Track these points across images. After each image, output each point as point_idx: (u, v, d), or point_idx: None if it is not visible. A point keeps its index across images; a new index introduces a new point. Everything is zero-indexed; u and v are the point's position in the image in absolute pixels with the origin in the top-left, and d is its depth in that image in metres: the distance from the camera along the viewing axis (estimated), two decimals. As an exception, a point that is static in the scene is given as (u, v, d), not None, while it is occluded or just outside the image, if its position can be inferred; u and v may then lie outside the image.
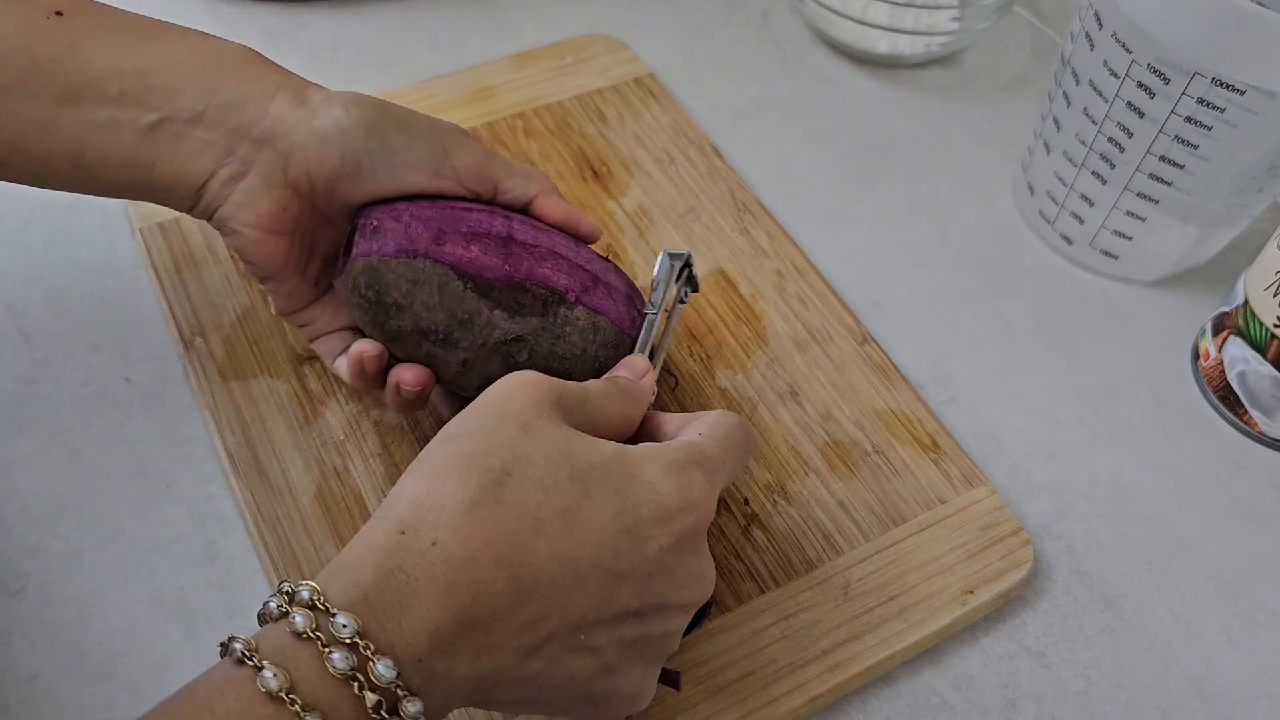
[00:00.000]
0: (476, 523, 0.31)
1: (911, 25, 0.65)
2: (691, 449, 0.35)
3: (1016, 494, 0.50)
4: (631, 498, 0.33)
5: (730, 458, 0.37)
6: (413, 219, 0.42)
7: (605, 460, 0.34)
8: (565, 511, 0.32)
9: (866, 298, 0.57)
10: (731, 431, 0.38)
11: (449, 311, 0.41)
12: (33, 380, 0.51)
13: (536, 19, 0.69)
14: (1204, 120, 0.48)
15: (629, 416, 0.38)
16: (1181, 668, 0.46)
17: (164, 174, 0.41)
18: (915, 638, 0.44)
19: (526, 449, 0.33)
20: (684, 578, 0.35)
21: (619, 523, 0.33)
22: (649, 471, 0.34)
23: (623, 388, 0.39)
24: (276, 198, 0.42)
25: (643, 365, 0.42)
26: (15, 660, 0.43)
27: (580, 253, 0.45)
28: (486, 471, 0.32)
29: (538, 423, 0.34)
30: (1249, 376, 0.51)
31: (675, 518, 0.34)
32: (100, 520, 0.47)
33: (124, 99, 0.40)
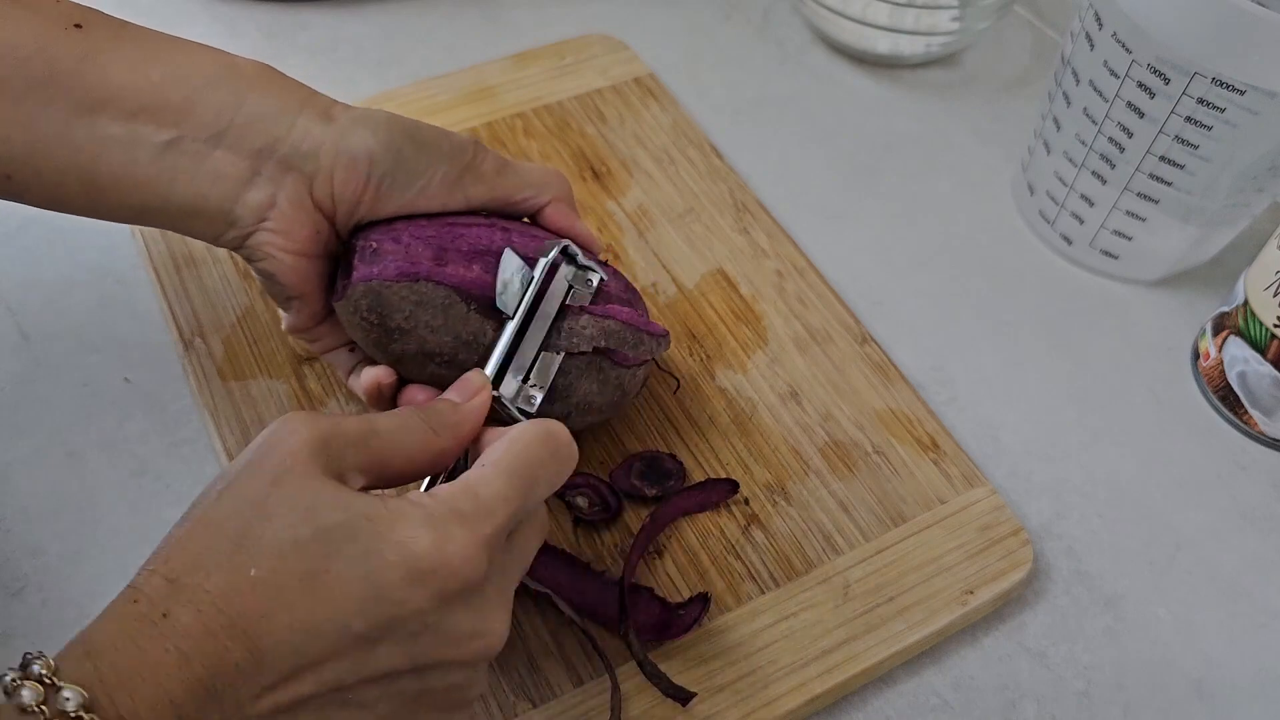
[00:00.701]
0: (209, 594, 0.30)
1: (911, 25, 0.65)
2: (460, 497, 0.33)
3: (1016, 494, 0.50)
4: (378, 560, 0.31)
5: (523, 485, 0.34)
6: (412, 239, 0.41)
7: (352, 519, 0.31)
8: (306, 576, 0.30)
9: (866, 298, 0.57)
10: (527, 452, 0.35)
11: (454, 334, 0.41)
12: (32, 380, 0.51)
13: (536, 19, 0.69)
14: (1204, 120, 0.48)
15: (436, 449, 0.36)
16: (1181, 668, 0.46)
17: (184, 195, 0.40)
18: (915, 638, 0.44)
19: (269, 508, 0.31)
20: (457, 636, 0.33)
21: (367, 586, 0.31)
22: (400, 530, 0.32)
23: (432, 415, 0.36)
24: (309, 221, 0.41)
25: (475, 384, 0.39)
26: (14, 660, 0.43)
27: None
28: (222, 536, 0.31)
29: (286, 477, 0.32)
30: (1249, 376, 0.51)
31: (431, 578, 0.31)
32: (100, 521, 0.47)
33: (141, 114, 0.39)
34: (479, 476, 0.34)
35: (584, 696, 0.42)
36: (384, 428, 0.35)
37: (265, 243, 0.41)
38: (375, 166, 0.41)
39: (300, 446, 0.32)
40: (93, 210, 0.41)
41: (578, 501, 0.46)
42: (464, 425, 0.37)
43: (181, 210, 0.40)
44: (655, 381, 0.51)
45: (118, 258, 0.55)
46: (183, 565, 0.30)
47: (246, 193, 0.40)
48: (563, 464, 0.36)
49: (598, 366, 0.43)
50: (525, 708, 0.42)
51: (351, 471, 0.34)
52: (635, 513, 0.47)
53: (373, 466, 0.34)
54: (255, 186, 0.40)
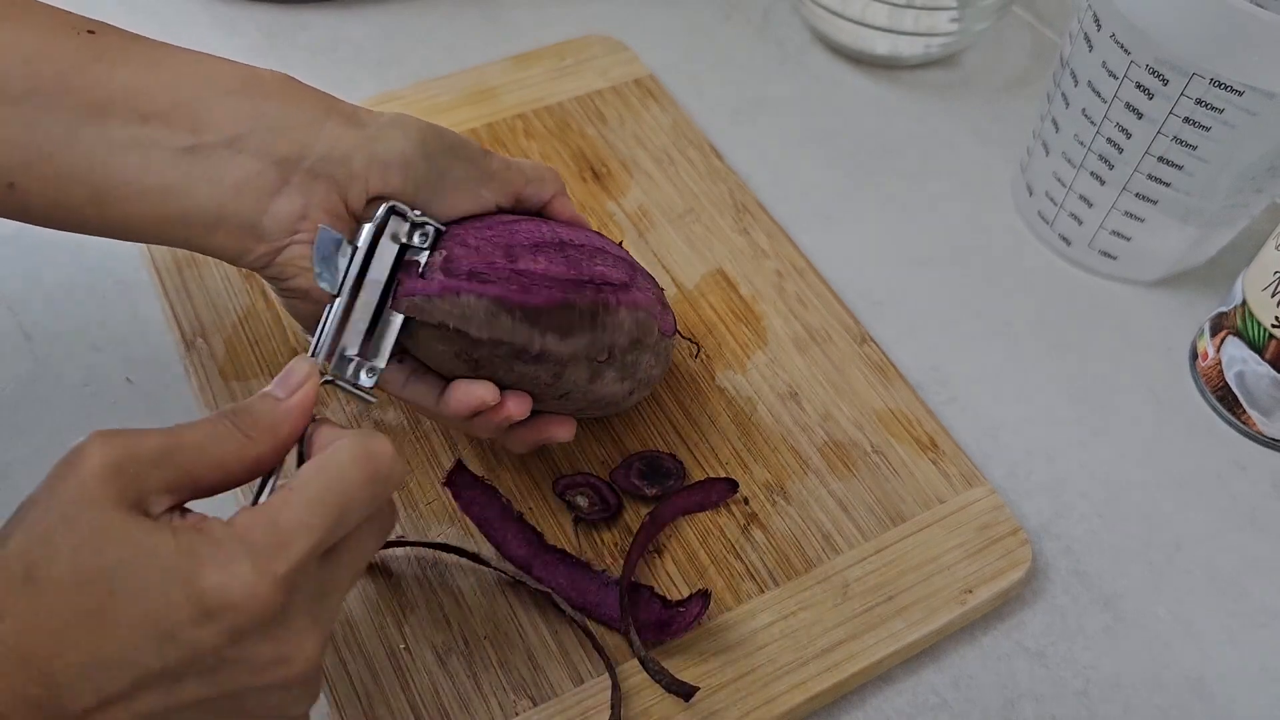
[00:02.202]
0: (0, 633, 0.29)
1: (910, 26, 0.65)
2: (256, 527, 0.31)
3: (1015, 494, 0.51)
4: (163, 598, 0.30)
5: (330, 514, 0.32)
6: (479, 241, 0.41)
7: (136, 556, 0.30)
8: (91, 613, 0.29)
9: (866, 298, 0.57)
10: (339, 476, 0.33)
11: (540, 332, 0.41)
12: (34, 380, 0.51)
13: (536, 20, 0.70)
14: (1202, 121, 0.48)
15: (252, 456, 0.33)
16: (1180, 667, 0.46)
17: (204, 205, 0.38)
18: (914, 637, 0.44)
19: (56, 544, 0.30)
20: (258, 665, 0.31)
21: (153, 626, 0.30)
22: (185, 567, 0.30)
23: (246, 419, 0.34)
24: (345, 231, 0.39)
25: (298, 375, 0.35)
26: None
27: (599, 238, 0.45)
28: (12, 573, 0.29)
29: (74, 509, 0.30)
30: (1247, 376, 0.51)
31: (219, 616, 0.30)
32: (101, 520, 0.47)
33: (154, 118, 0.37)
34: (280, 502, 0.32)
35: (584, 695, 0.42)
36: (189, 440, 0.32)
37: (300, 256, 0.39)
38: (410, 170, 0.40)
39: (91, 475, 0.30)
40: (102, 223, 0.38)
41: (578, 501, 0.46)
42: (283, 426, 0.34)
43: (202, 223, 0.38)
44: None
45: (120, 258, 0.56)
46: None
47: (274, 203, 0.38)
48: (381, 486, 0.34)
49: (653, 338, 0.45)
50: (525, 706, 0.42)
51: (154, 494, 0.31)
52: (635, 512, 0.47)
53: (180, 484, 0.32)
54: (284, 196, 0.38)
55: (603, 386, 0.43)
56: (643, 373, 0.45)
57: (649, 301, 0.44)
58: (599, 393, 0.43)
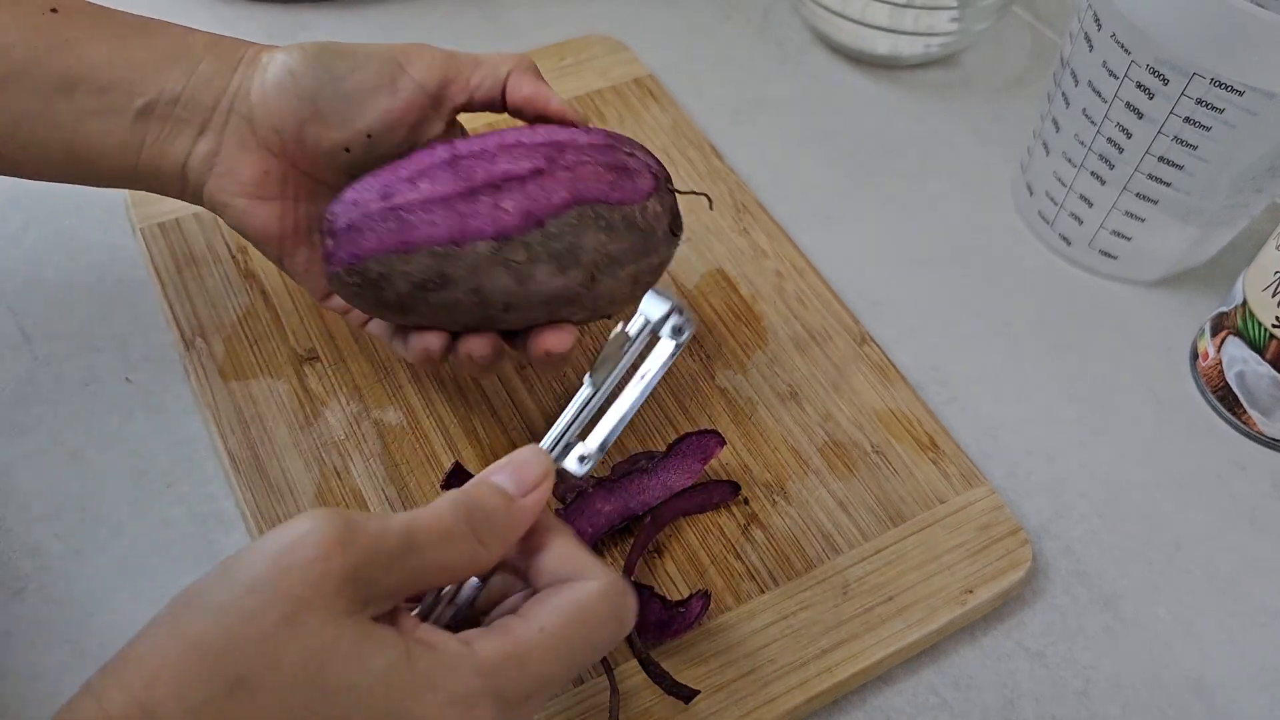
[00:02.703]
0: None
1: (911, 26, 0.65)
2: (507, 664, 0.29)
3: (1015, 494, 0.50)
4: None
5: (575, 663, 0.31)
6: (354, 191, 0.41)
7: (370, 683, 0.27)
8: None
9: (866, 298, 0.57)
10: (590, 622, 0.31)
11: (427, 254, 0.40)
12: (33, 380, 0.51)
13: (536, 20, 0.69)
14: (1203, 121, 0.48)
15: (478, 560, 0.31)
16: (1180, 667, 0.46)
17: (149, 158, 0.42)
18: (914, 637, 0.44)
19: (275, 653, 0.27)
20: None
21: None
22: (424, 703, 0.28)
23: (481, 520, 0.31)
24: (253, 162, 0.42)
25: (536, 474, 0.33)
26: (15, 660, 0.43)
27: (537, 132, 0.42)
28: (217, 676, 0.27)
29: (304, 613, 0.27)
30: (1248, 376, 0.51)
31: None
32: (101, 520, 0.47)
33: (113, 87, 0.41)
34: (532, 645, 0.30)
35: (582, 696, 0.42)
36: (425, 541, 0.30)
37: (216, 190, 0.43)
38: (300, 84, 0.41)
39: (326, 577, 0.28)
40: (81, 178, 0.44)
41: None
42: (516, 530, 0.32)
43: (149, 173, 0.43)
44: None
45: (119, 258, 0.56)
46: (164, 699, 0.27)
47: (196, 146, 0.42)
48: (620, 634, 0.32)
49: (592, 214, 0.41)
50: (525, 707, 0.42)
51: (380, 597, 0.29)
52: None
53: (405, 586, 0.30)
54: (204, 139, 0.42)
55: (541, 284, 0.41)
56: (591, 253, 0.41)
57: (570, 178, 0.41)
58: (542, 290, 0.41)
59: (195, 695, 0.26)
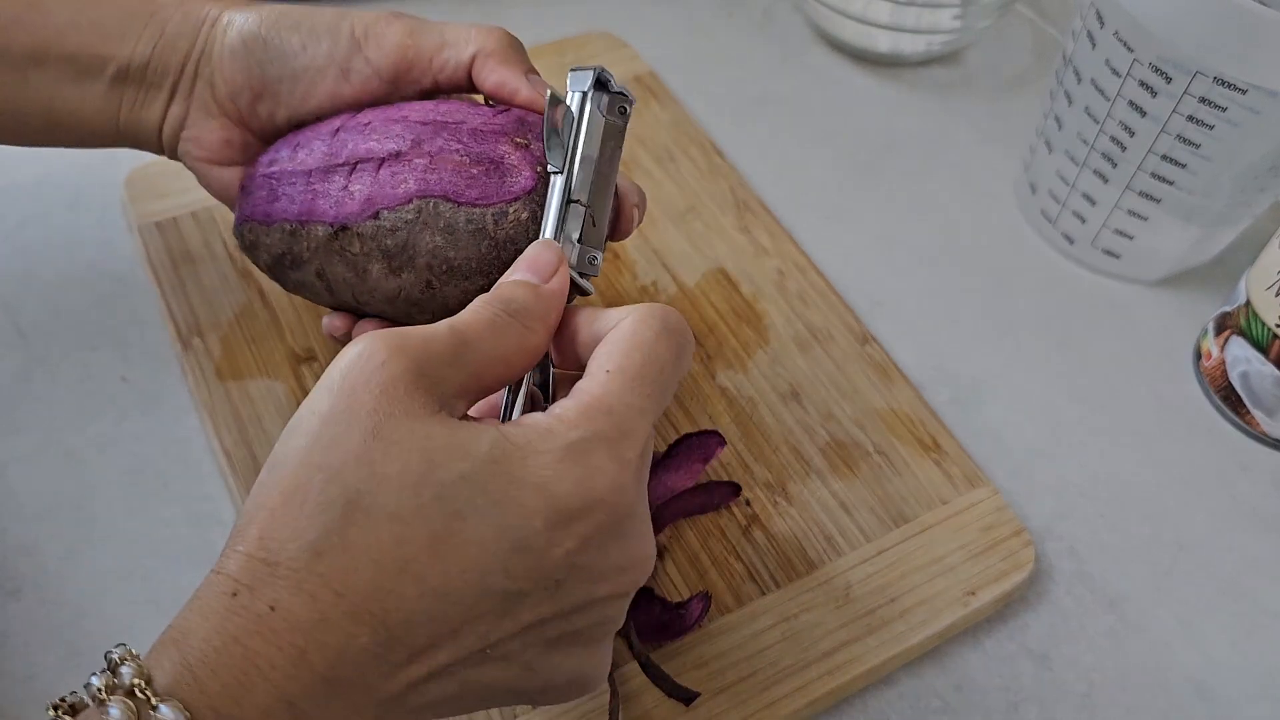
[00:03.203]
0: (320, 577, 0.26)
1: (913, 24, 0.65)
2: (594, 413, 0.29)
3: (1018, 494, 0.50)
4: (517, 509, 0.27)
5: (655, 391, 0.30)
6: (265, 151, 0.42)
7: (478, 468, 0.27)
8: (433, 541, 0.27)
9: (868, 297, 0.57)
10: (653, 352, 0.31)
11: (280, 229, 0.40)
12: (29, 379, 0.51)
13: (537, 17, 0.69)
14: (1206, 119, 0.48)
15: (531, 347, 0.31)
16: (1184, 669, 0.46)
17: (128, 123, 0.43)
18: (917, 639, 0.44)
19: (376, 465, 0.27)
20: (606, 570, 0.29)
21: (505, 540, 0.27)
22: (536, 469, 0.28)
23: (519, 308, 0.31)
24: (216, 128, 0.42)
25: (551, 260, 0.33)
26: (11, 661, 0.43)
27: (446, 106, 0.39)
28: (325, 508, 0.26)
29: (388, 424, 0.27)
30: (1251, 376, 0.51)
31: (579, 519, 0.28)
32: (96, 520, 0.47)
33: (83, 52, 0.41)
34: (605, 389, 0.30)
35: (583, 698, 0.42)
36: (474, 335, 0.30)
37: (185, 154, 0.43)
38: (251, 55, 0.41)
39: (393, 382, 0.28)
40: (60, 142, 0.43)
41: None
42: (551, 312, 0.32)
43: (130, 136, 0.43)
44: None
45: (115, 256, 0.55)
46: (282, 545, 0.26)
47: (170, 110, 0.42)
48: (688, 355, 0.32)
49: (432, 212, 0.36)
50: (525, 709, 0.41)
51: (453, 397, 0.29)
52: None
53: (471, 384, 0.30)
54: (175, 104, 0.42)
55: (377, 283, 0.38)
56: (426, 256, 0.37)
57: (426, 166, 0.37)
58: (380, 290, 0.38)
59: (311, 532, 0.26)
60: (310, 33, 0.40)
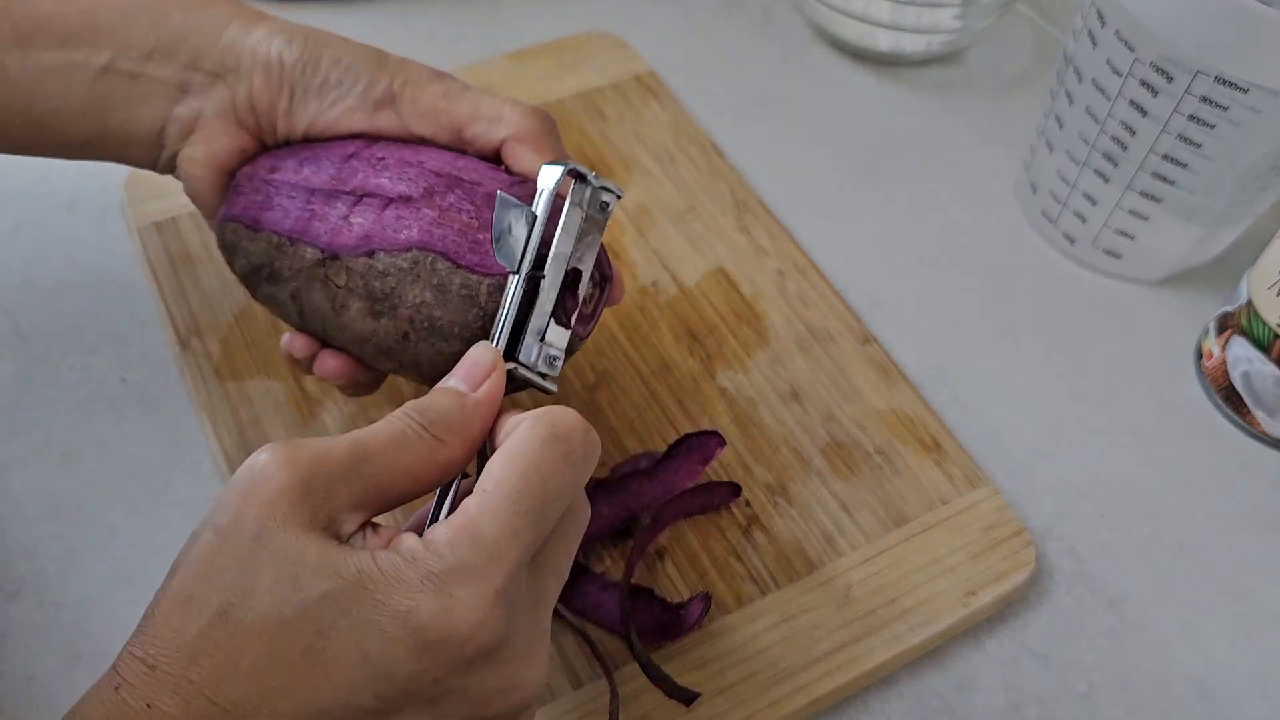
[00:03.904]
0: (196, 682, 0.26)
1: (913, 23, 0.65)
2: (462, 541, 0.28)
3: (1019, 495, 0.50)
4: (378, 635, 0.27)
5: (531, 511, 0.29)
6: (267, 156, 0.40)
7: (341, 589, 0.27)
8: (299, 658, 0.27)
9: (868, 297, 0.57)
10: (532, 466, 0.30)
11: (267, 240, 0.39)
12: (29, 380, 0.51)
13: (536, 16, 0.69)
14: (1207, 119, 0.48)
15: (443, 460, 0.31)
16: (1184, 669, 0.45)
17: (118, 121, 0.40)
18: (917, 639, 0.44)
19: (252, 576, 0.27)
20: (484, 694, 0.29)
21: (369, 666, 0.27)
22: (397, 596, 0.28)
23: (434, 419, 0.31)
24: (235, 135, 0.40)
25: (483, 365, 0.33)
26: (11, 662, 0.43)
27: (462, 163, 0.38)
28: (201, 614, 0.27)
29: (268, 535, 0.28)
30: (1252, 376, 0.51)
31: (440, 649, 0.28)
32: (96, 522, 0.47)
33: (72, 39, 0.39)
34: (479, 510, 0.29)
35: (583, 699, 0.42)
36: (378, 448, 0.30)
37: (187, 158, 0.40)
38: (287, 72, 0.39)
39: (277, 495, 0.28)
40: (39, 143, 0.40)
41: None
42: (473, 425, 0.32)
43: (119, 138, 0.40)
44: (655, 381, 0.51)
45: (114, 257, 0.55)
46: (162, 648, 0.27)
47: (175, 109, 0.40)
48: (580, 466, 0.31)
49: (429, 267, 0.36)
50: None
51: (344, 511, 0.29)
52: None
53: (369, 497, 0.30)
54: (183, 103, 0.40)
55: (351, 321, 0.37)
56: (411, 309, 0.36)
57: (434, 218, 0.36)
58: (352, 329, 0.37)
59: (188, 634, 0.27)
60: (349, 70, 0.40)
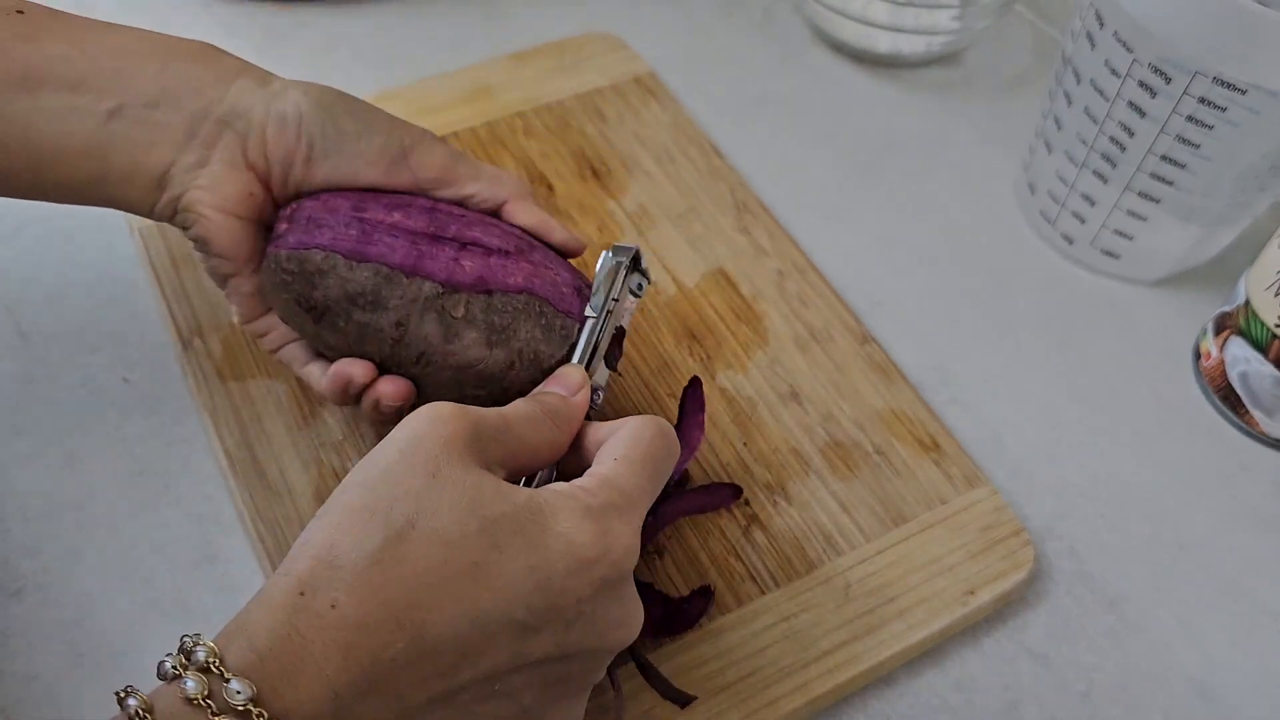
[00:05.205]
0: (375, 583, 0.30)
1: (912, 24, 0.65)
2: (608, 488, 0.34)
3: (1018, 494, 0.50)
4: (545, 551, 0.32)
5: (653, 479, 0.36)
6: (330, 196, 0.42)
7: (516, 510, 0.32)
8: (473, 567, 0.31)
9: (867, 297, 0.57)
10: (651, 447, 0.36)
11: (374, 270, 0.40)
12: (31, 380, 0.51)
13: (536, 17, 0.69)
14: (1205, 119, 0.48)
15: (555, 443, 0.37)
16: (1184, 669, 0.46)
17: (121, 163, 0.40)
18: (916, 638, 0.44)
19: (432, 499, 0.31)
20: (606, 624, 0.34)
21: (532, 577, 0.31)
22: (563, 522, 0.32)
23: (550, 409, 0.37)
24: (241, 180, 0.41)
25: (578, 379, 0.40)
26: (13, 661, 0.43)
27: (517, 228, 0.44)
28: (388, 525, 0.31)
29: (447, 468, 0.32)
30: (1250, 377, 0.51)
31: (593, 568, 0.32)
32: (98, 521, 0.47)
33: (81, 86, 0.40)
34: (615, 471, 0.35)
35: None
36: (515, 420, 0.36)
37: (195, 201, 0.41)
38: (305, 125, 0.41)
39: (454, 438, 0.33)
40: (38, 185, 0.41)
41: None
42: (574, 420, 0.38)
43: (119, 179, 0.41)
44: (656, 381, 0.51)
45: (116, 257, 0.55)
46: (348, 553, 0.30)
47: (182, 155, 0.41)
48: (674, 459, 0.37)
49: (537, 310, 0.42)
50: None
51: (494, 464, 0.34)
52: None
53: (508, 459, 0.35)
54: (190, 150, 0.41)
55: (464, 349, 0.41)
56: (522, 342, 0.41)
57: (531, 270, 0.42)
58: (462, 356, 0.41)
59: (371, 543, 0.30)
60: (367, 126, 0.42)
